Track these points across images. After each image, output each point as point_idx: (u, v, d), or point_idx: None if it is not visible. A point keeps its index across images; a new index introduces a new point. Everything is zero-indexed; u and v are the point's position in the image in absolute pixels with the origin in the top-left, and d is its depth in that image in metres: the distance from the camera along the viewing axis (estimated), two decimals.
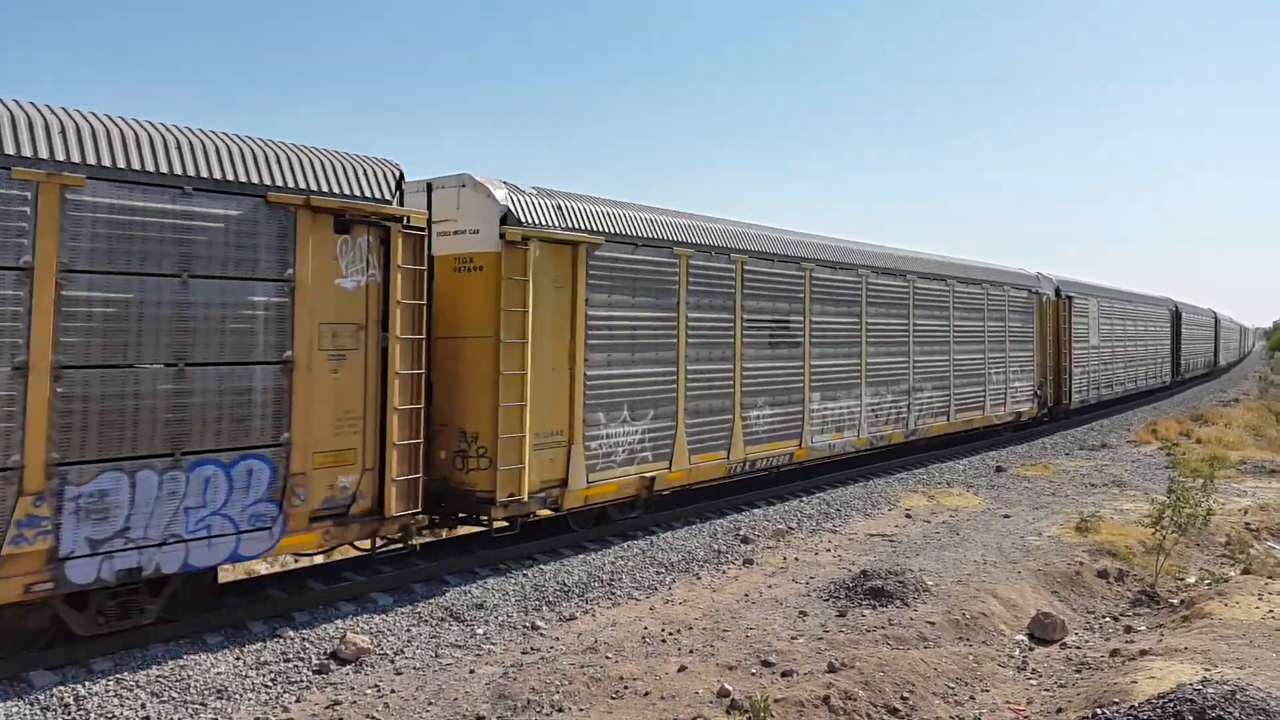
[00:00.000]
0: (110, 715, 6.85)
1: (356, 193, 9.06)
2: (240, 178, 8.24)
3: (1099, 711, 6.33)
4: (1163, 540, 11.49)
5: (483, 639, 8.77)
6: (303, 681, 7.65)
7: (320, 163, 8.93)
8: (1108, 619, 10.15)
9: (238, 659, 7.88)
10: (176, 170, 7.86)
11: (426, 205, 11.00)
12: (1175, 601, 10.40)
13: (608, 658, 8.02)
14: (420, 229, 9.54)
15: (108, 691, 7.12)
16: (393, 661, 8.15)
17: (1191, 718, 5.74)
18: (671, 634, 8.77)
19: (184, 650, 7.96)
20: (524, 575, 10.48)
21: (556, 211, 11.27)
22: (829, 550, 12.31)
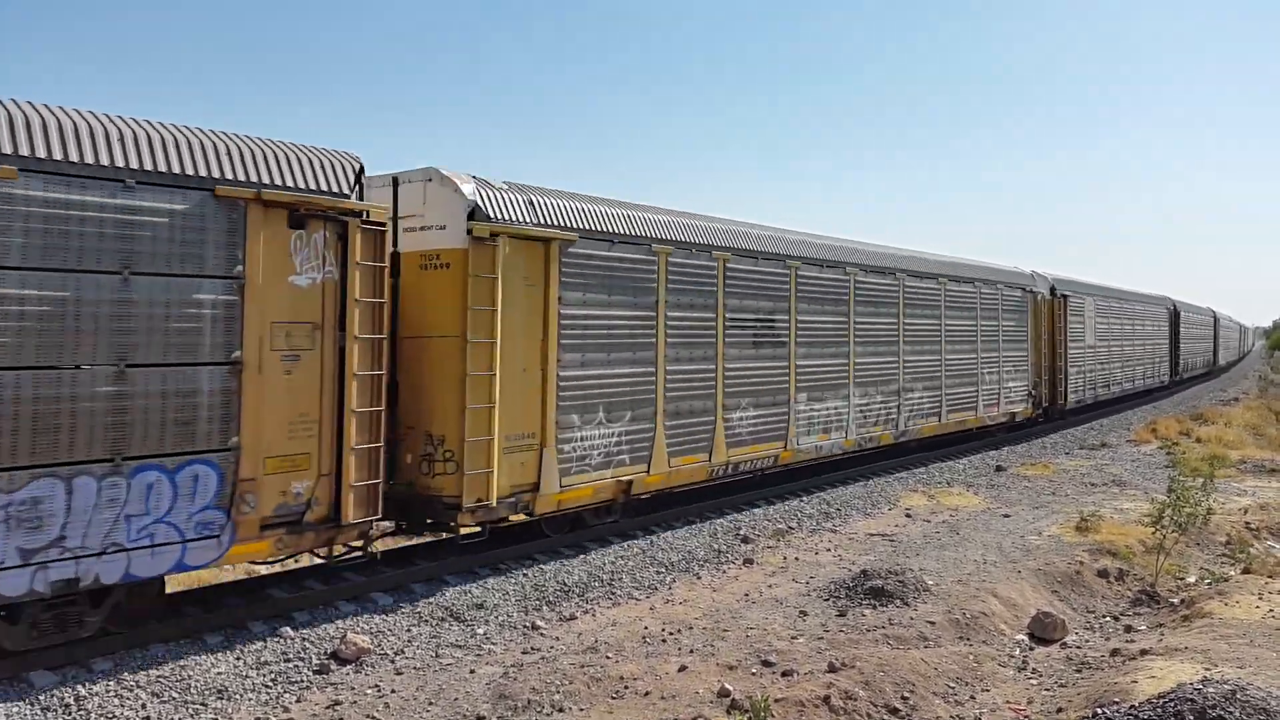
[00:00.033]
0: (110, 715, 6.86)
1: (312, 186, 8.67)
2: (187, 170, 7.85)
3: (1099, 711, 6.33)
4: (1163, 540, 11.49)
5: (483, 639, 8.77)
6: (303, 681, 7.65)
7: (273, 155, 8.53)
8: (1108, 618, 10.16)
9: (238, 659, 7.88)
10: (118, 163, 7.47)
11: (392, 200, 10.66)
12: (1175, 601, 10.40)
13: (608, 657, 8.02)
14: (380, 224, 9.15)
15: (108, 691, 7.12)
16: (393, 661, 8.15)
17: (1192, 717, 5.74)
18: (672, 634, 8.78)
19: (184, 650, 7.96)
20: (524, 575, 10.48)
21: (528, 207, 10.90)
22: (829, 550, 12.31)
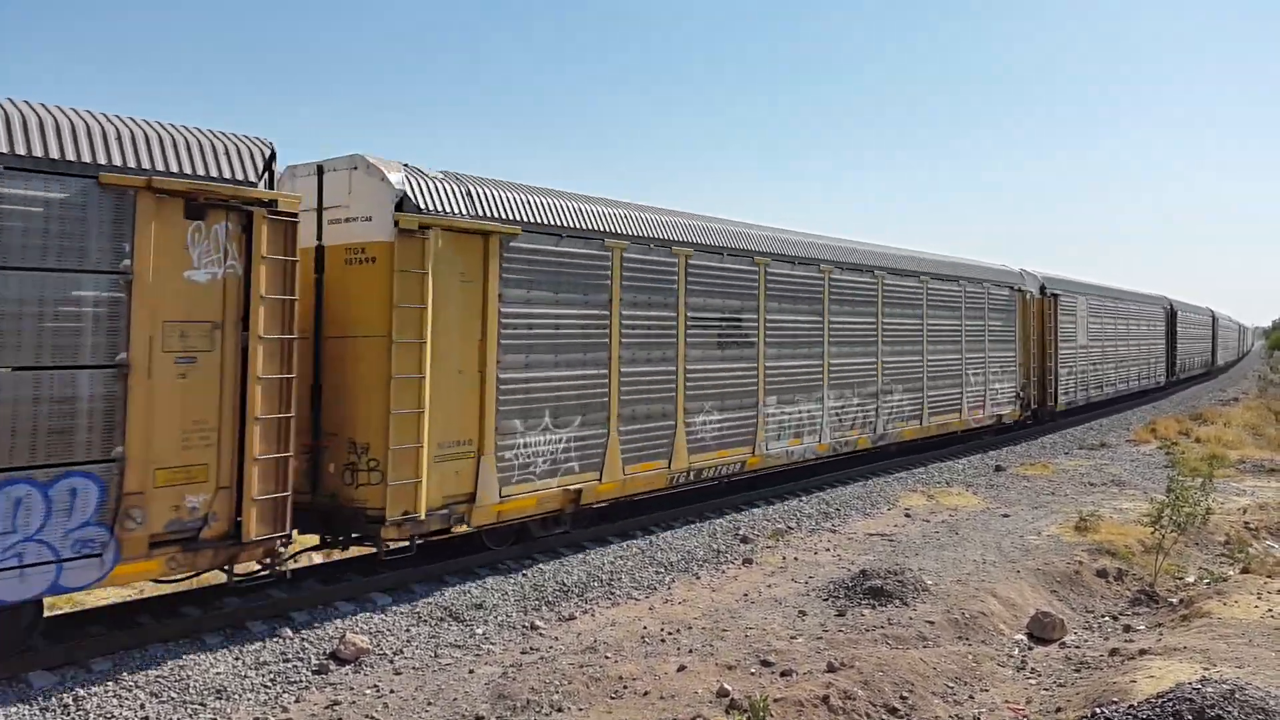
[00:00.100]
0: (110, 715, 6.85)
1: (212, 173, 8.01)
2: (66, 156, 7.20)
3: (1098, 711, 6.34)
4: (1162, 539, 11.50)
5: (482, 639, 8.77)
6: (302, 682, 7.65)
7: (167, 139, 7.85)
8: (1107, 618, 10.16)
9: (237, 659, 7.88)
10: None
11: (317, 190, 10.02)
12: (1174, 601, 10.41)
13: (607, 657, 8.02)
14: (291, 215, 8.48)
15: (107, 692, 7.12)
16: (392, 661, 8.15)
17: (1191, 717, 5.74)
18: (671, 634, 8.78)
19: (183, 650, 7.95)
20: (523, 575, 10.48)
21: (465, 198, 10.28)
22: (828, 550, 12.32)
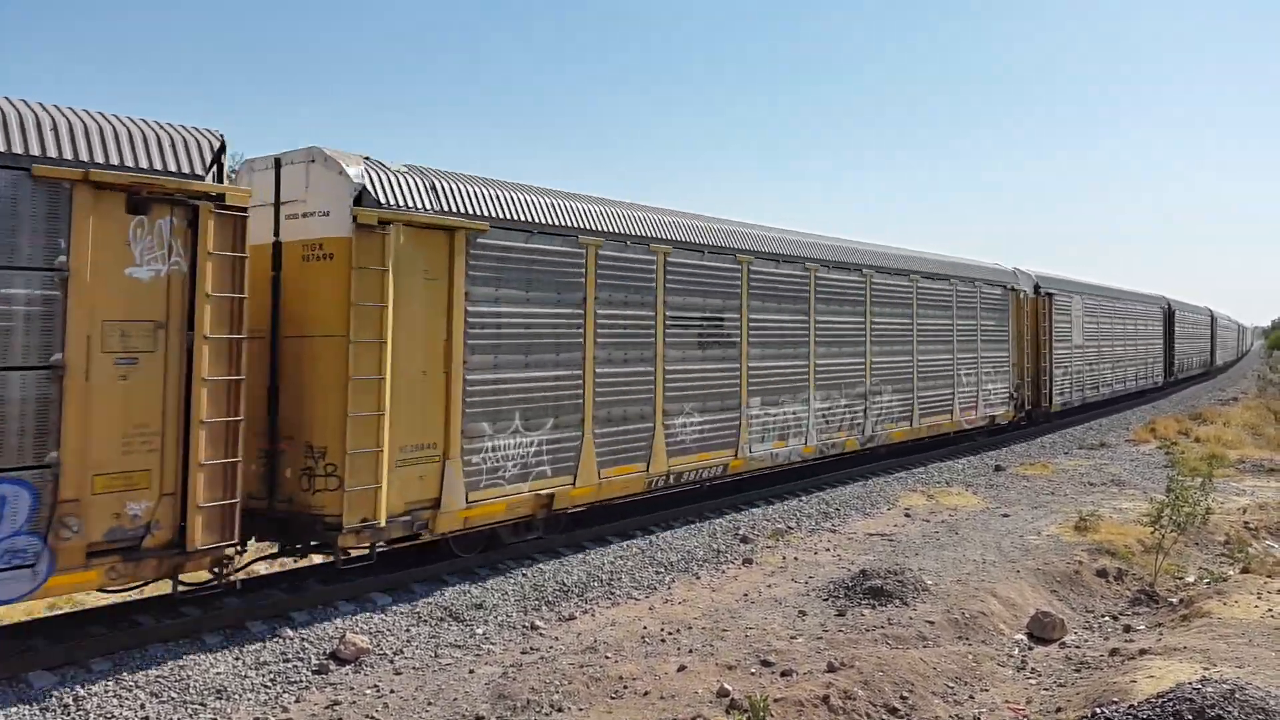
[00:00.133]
0: (110, 715, 6.85)
1: (156, 166, 7.67)
2: None
3: (1098, 711, 6.34)
4: (1162, 539, 11.51)
5: (482, 639, 8.77)
6: (302, 681, 7.65)
7: (107, 130, 7.53)
8: (1107, 618, 10.16)
9: (237, 659, 7.87)
10: None
11: (274, 184, 9.69)
12: (1174, 600, 10.41)
13: (607, 657, 8.02)
14: (240, 209, 8.16)
15: (107, 692, 7.12)
16: (392, 661, 8.15)
17: (1191, 717, 5.75)
18: (671, 634, 8.78)
19: (183, 650, 7.95)
20: (523, 575, 10.48)
21: (429, 192, 9.94)
22: (828, 550, 12.32)
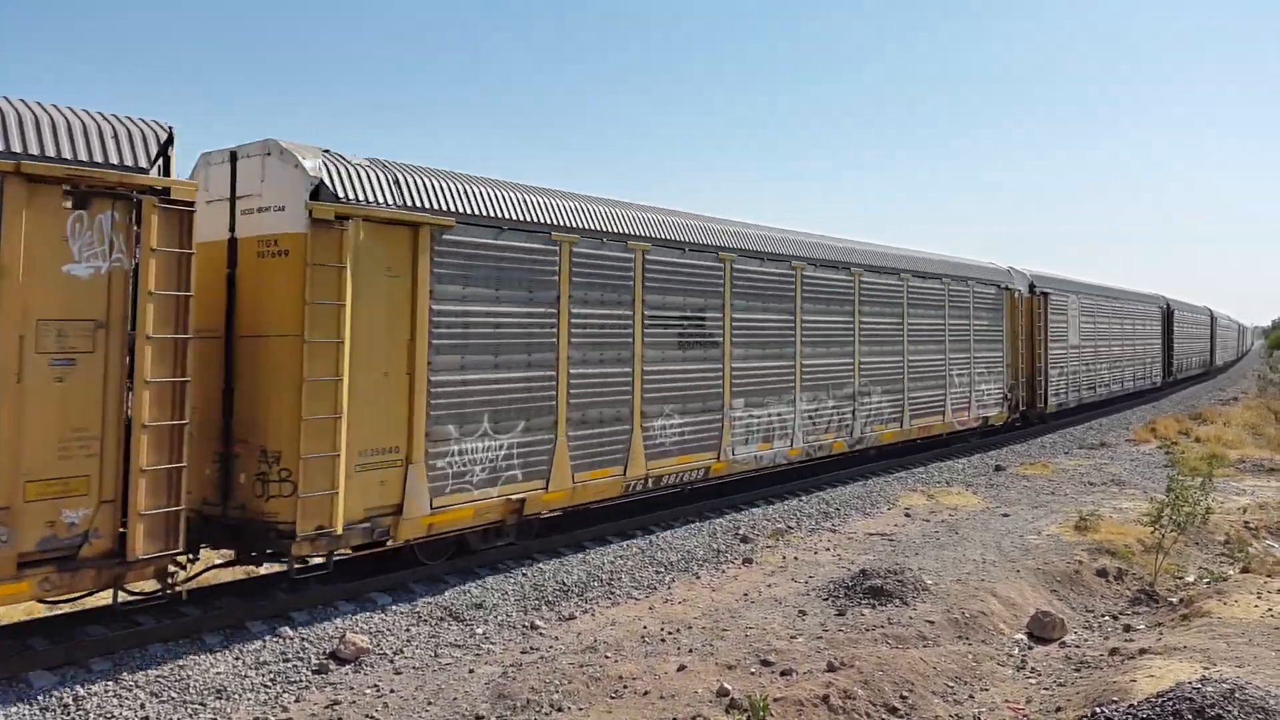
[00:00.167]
0: (110, 715, 6.85)
1: (97, 158, 7.39)
2: None
3: (1098, 710, 6.34)
4: (1162, 539, 11.51)
5: (482, 638, 8.77)
6: (302, 681, 7.65)
7: (44, 120, 7.22)
8: (1107, 618, 10.16)
9: (237, 659, 7.88)
10: None
11: (230, 178, 9.41)
12: (1174, 600, 10.41)
13: (607, 657, 8.02)
14: (186, 204, 7.85)
15: (107, 691, 7.12)
16: (392, 661, 8.15)
17: (1191, 716, 5.74)
18: (671, 633, 8.78)
19: (183, 650, 7.95)
20: (523, 575, 10.48)
21: (392, 186, 9.65)
22: (828, 549, 12.32)
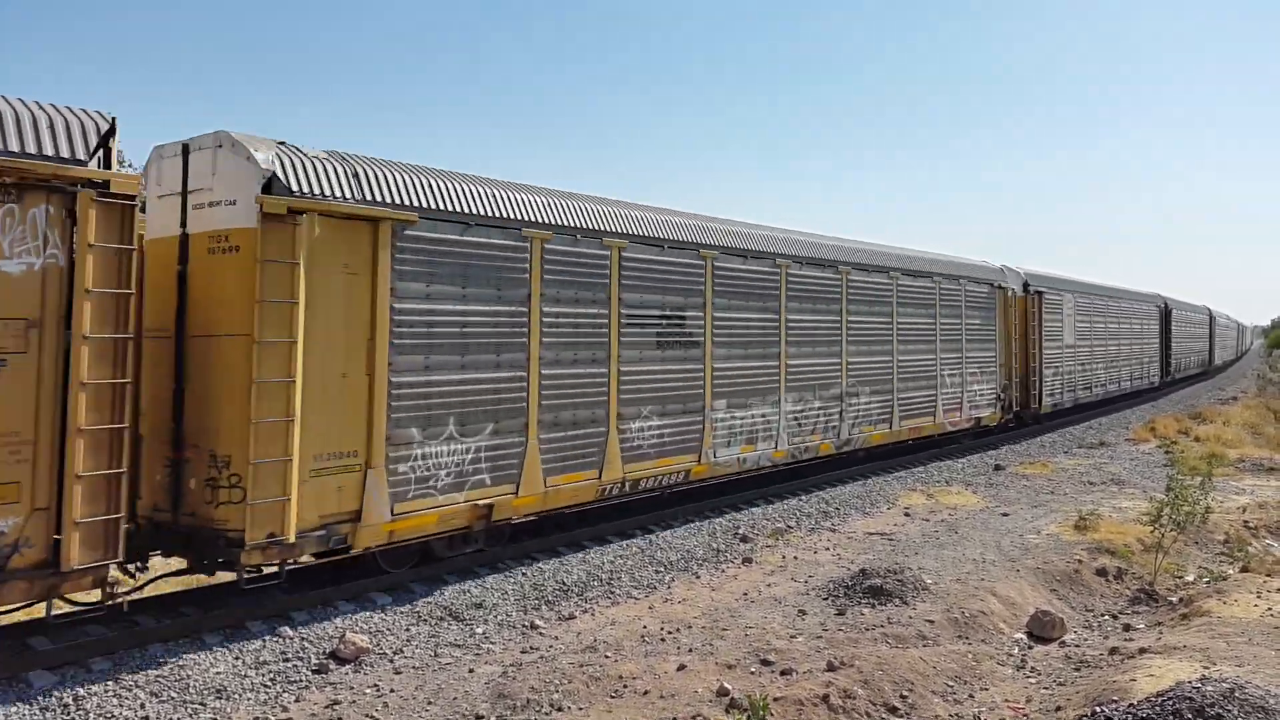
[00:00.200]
0: (110, 715, 6.85)
1: (29, 149, 7.07)
2: None
3: (1098, 709, 6.34)
4: (1161, 538, 11.51)
5: (482, 638, 8.77)
6: (302, 681, 7.65)
7: None
8: (1106, 617, 10.17)
9: (237, 659, 7.88)
10: None
11: (182, 171, 9.03)
12: (1174, 599, 10.42)
13: (607, 657, 8.02)
14: (127, 197, 7.54)
15: (107, 691, 7.12)
16: (392, 661, 8.15)
17: (1190, 715, 5.75)
18: (671, 633, 8.78)
19: (183, 650, 7.95)
20: (523, 574, 10.48)
21: (351, 180, 9.29)
22: (828, 549, 12.32)
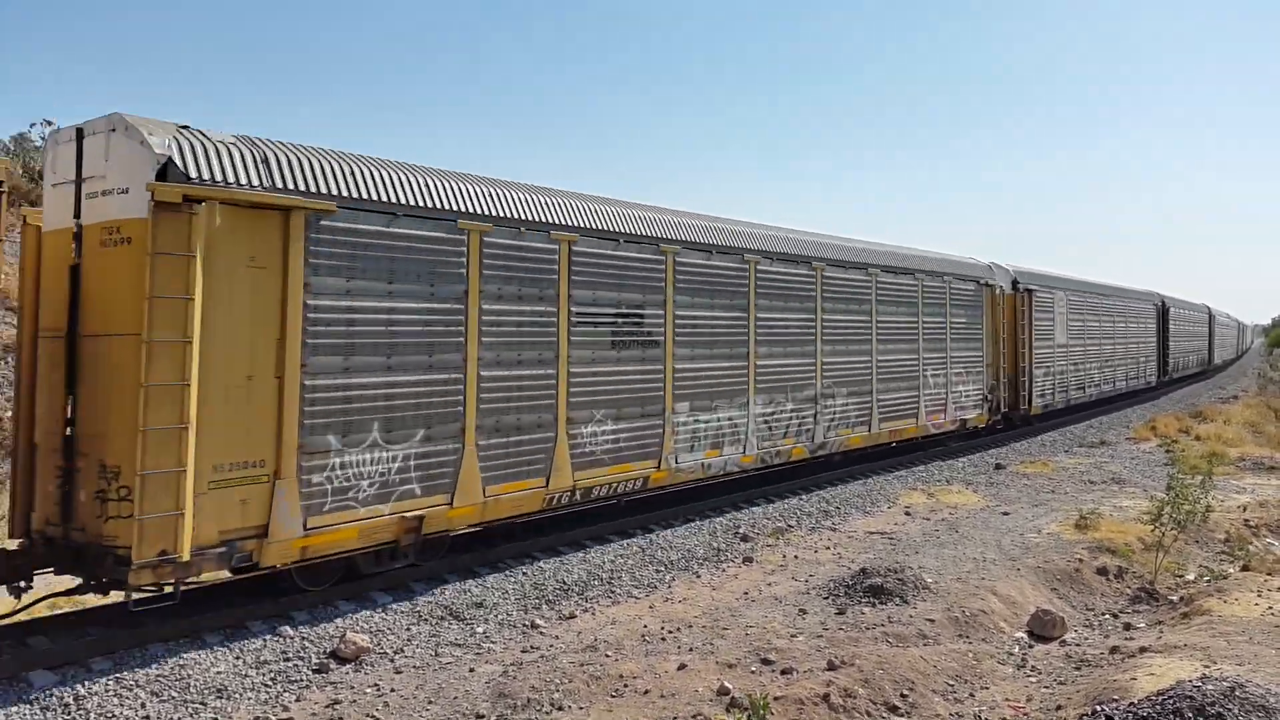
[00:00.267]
0: (110, 715, 6.85)
1: None
2: None
3: (1098, 708, 6.34)
4: (1162, 537, 11.51)
5: (482, 637, 8.77)
6: (302, 681, 7.65)
7: None
8: (1107, 616, 10.16)
9: (237, 658, 7.88)
10: None
11: (76, 158, 8.35)
12: (1174, 598, 10.42)
13: (607, 656, 8.02)
14: None
15: (107, 691, 7.12)
16: (392, 660, 8.15)
17: (1191, 714, 5.75)
18: (671, 632, 8.78)
19: (183, 650, 7.95)
20: (523, 574, 10.48)
21: (260, 166, 8.55)
22: (828, 548, 12.32)
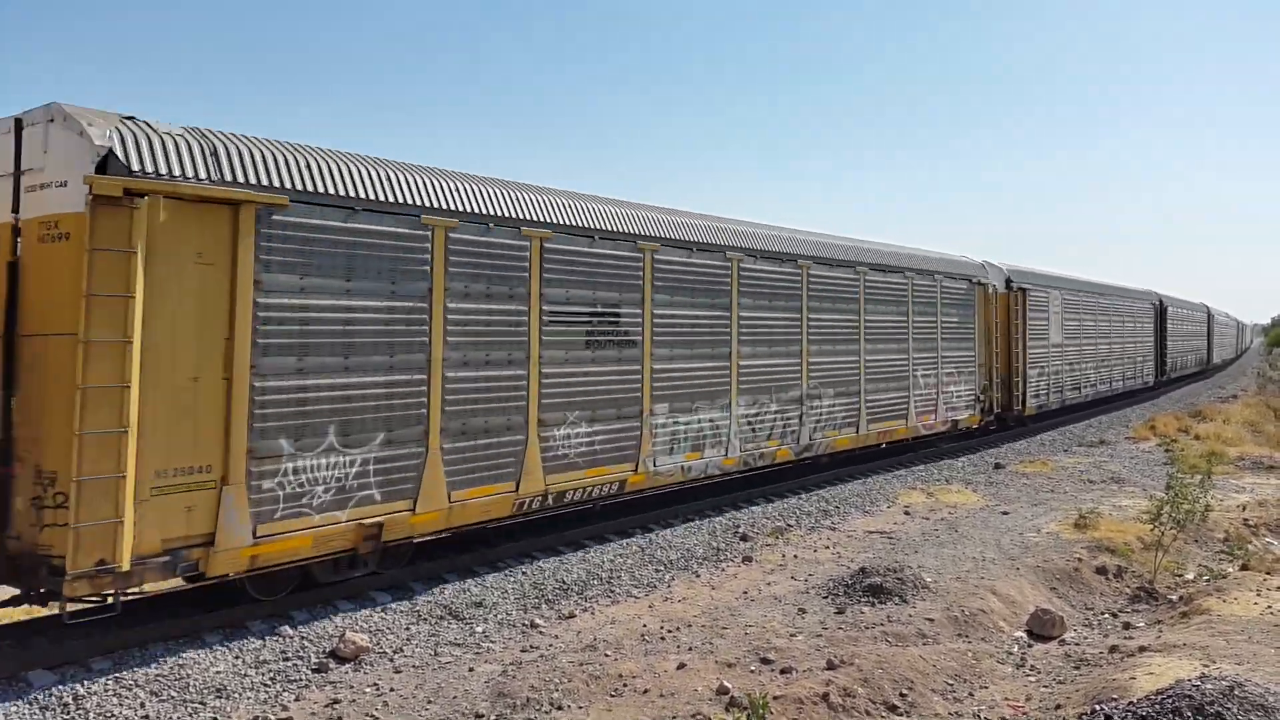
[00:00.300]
0: (109, 714, 6.85)
1: None
2: None
3: (1098, 708, 6.34)
4: (1161, 537, 11.51)
5: (482, 637, 8.77)
6: (302, 680, 7.65)
7: None
8: (1106, 615, 10.17)
9: (237, 658, 7.88)
10: None
11: (14, 150, 8.05)
12: (1174, 598, 10.42)
13: (607, 655, 8.03)
14: None
15: (107, 691, 7.12)
16: (392, 660, 8.15)
17: (1190, 713, 5.75)
18: (670, 632, 8.78)
19: (183, 649, 7.96)
20: (523, 573, 10.49)
21: (209, 158, 8.26)
22: (828, 547, 12.32)
